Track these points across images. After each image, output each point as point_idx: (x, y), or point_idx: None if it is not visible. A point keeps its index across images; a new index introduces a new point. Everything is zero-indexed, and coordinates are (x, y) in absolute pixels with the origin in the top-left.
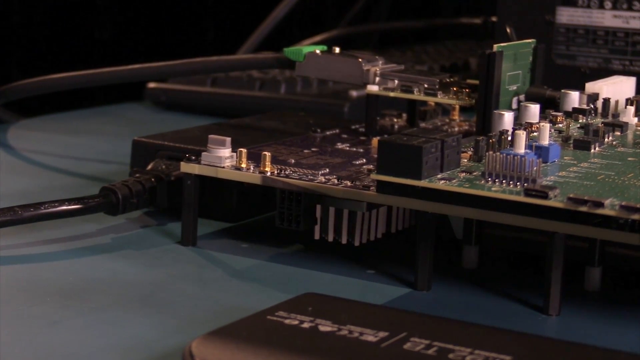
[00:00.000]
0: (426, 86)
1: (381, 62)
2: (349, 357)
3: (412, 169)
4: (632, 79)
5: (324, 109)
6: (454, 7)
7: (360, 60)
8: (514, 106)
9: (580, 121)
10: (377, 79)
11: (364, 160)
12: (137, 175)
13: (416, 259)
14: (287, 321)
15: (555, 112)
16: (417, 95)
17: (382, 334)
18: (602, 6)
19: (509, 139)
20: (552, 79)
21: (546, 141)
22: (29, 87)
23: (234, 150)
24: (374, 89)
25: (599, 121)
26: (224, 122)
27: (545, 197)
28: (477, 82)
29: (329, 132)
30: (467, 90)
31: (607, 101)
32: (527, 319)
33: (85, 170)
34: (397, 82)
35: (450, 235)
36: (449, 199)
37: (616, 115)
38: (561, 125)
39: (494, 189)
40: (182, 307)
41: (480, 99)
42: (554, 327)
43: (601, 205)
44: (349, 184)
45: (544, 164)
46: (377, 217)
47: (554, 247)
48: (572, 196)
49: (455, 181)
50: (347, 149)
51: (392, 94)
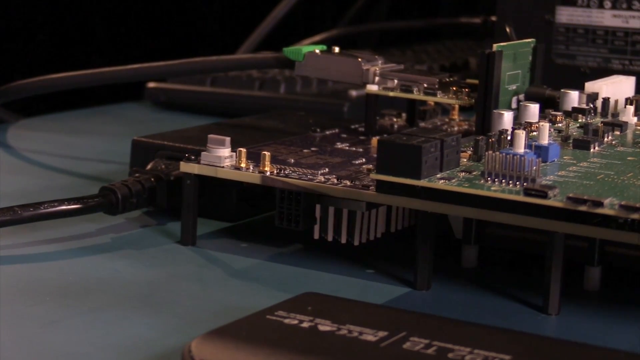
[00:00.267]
0: (426, 86)
1: (381, 62)
2: (348, 357)
3: (411, 169)
4: (631, 79)
5: (324, 109)
6: (453, 6)
7: (359, 59)
8: (514, 106)
9: (579, 121)
10: (377, 79)
11: (364, 159)
12: (137, 175)
13: (416, 258)
14: (286, 321)
15: (554, 111)
16: (416, 94)
17: (382, 334)
18: (601, 6)
19: (509, 138)
20: (552, 78)
21: (546, 141)
22: (29, 86)
23: (234, 150)
24: (373, 88)
25: (598, 121)
26: (223, 122)
27: (544, 196)
28: (476, 81)
29: (328, 132)
30: (467, 89)
31: (606, 101)
32: (526, 319)
33: (84, 170)
34: (396, 81)
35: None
36: (449, 199)
37: (616, 114)
38: (561, 124)
39: (493, 188)
40: (181, 307)
41: (479, 98)
42: (554, 326)
43: (600, 204)
44: (349, 183)
45: (543, 164)
46: (376, 217)
47: (553, 247)
48: (571, 196)
49: (454, 181)
50: (347, 148)
51: (391, 94)
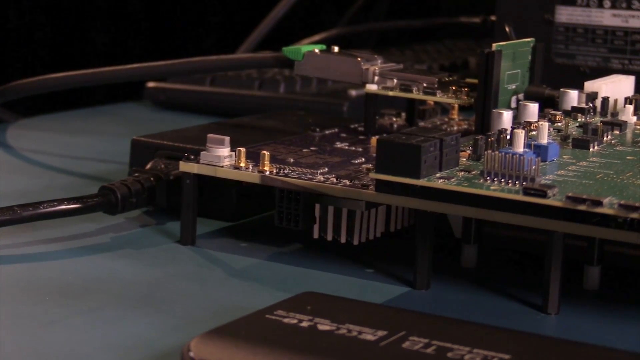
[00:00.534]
0: (425, 85)
1: (380, 61)
2: (347, 356)
3: (410, 168)
4: (631, 78)
5: (323, 108)
6: (453, 6)
7: (359, 59)
8: (513, 105)
9: (579, 120)
10: (376, 78)
11: (363, 159)
12: (136, 174)
13: (415, 258)
14: (285, 320)
15: (554, 111)
16: (416, 94)
17: (381, 333)
18: (601, 5)
19: (508, 137)
20: (551, 78)
21: (545, 140)
22: (29, 86)
23: (233, 149)
24: (373, 88)
25: (597, 120)
26: (223, 122)
27: (544, 196)
28: (476, 81)
29: (328, 131)
30: (466, 89)
31: (606, 100)
32: (526, 318)
33: (84, 169)
34: (396, 81)
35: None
36: (448, 198)
37: (615, 114)
38: (560, 124)
39: (492, 187)
40: (181, 306)
41: (479, 97)
42: (553, 325)
43: (600, 204)
44: (348, 183)
45: (542, 163)
46: (376, 216)
47: (552, 246)
48: (570, 195)
49: (454, 180)
50: (346, 148)
51: (391, 93)
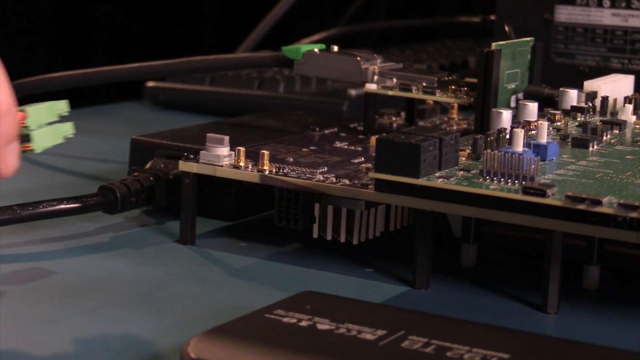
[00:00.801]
0: (425, 85)
1: (380, 61)
2: (347, 356)
3: (410, 167)
4: (630, 77)
5: (323, 108)
6: (452, 5)
7: (358, 58)
8: (513, 104)
9: (578, 119)
10: (376, 78)
11: (363, 158)
12: (136, 174)
13: (414, 257)
14: (285, 319)
15: (553, 110)
16: (415, 93)
17: (380, 332)
18: (600, 4)
19: (507, 137)
20: (551, 77)
21: (544, 139)
22: (28, 86)
23: (233, 148)
24: (372, 87)
25: (597, 119)
26: (222, 121)
27: (543, 195)
28: (475, 80)
29: (327, 131)
30: (466, 88)
31: (605, 99)
32: (525, 317)
33: (83, 169)
34: (395, 80)
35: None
36: (447, 197)
37: (614, 113)
38: (559, 123)
39: (492, 187)
40: (180, 306)
41: (478, 97)
42: (552, 325)
43: (599, 203)
44: (348, 182)
45: (542, 162)
46: (375, 216)
47: (552, 245)
48: (570, 194)
49: (453, 179)
50: (346, 147)
51: (390, 93)
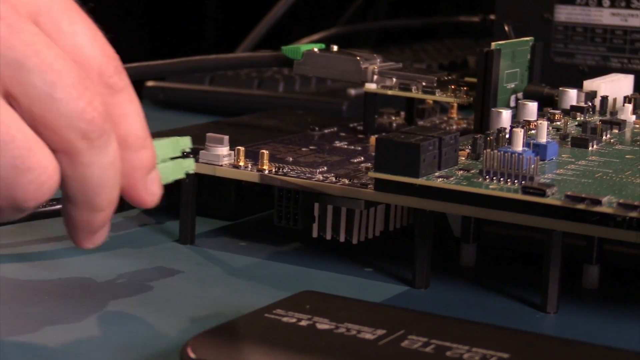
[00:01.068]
0: (424, 84)
1: (379, 60)
2: (346, 355)
3: (409, 167)
4: (630, 77)
5: (322, 107)
6: (452, 5)
7: (358, 58)
8: (512, 104)
9: (578, 119)
10: (375, 77)
11: (362, 158)
12: None
13: (414, 256)
14: (284, 319)
15: (553, 109)
16: (415, 93)
17: (380, 332)
18: (600, 4)
19: (507, 136)
20: (550, 76)
21: (544, 139)
22: None
23: (232, 148)
24: (372, 87)
25: (596, 119)
26: (222, 121)
27: (542, 194)
28: (475, 80)
29: (327, 130)
30: (465, 88)
31: (605, 99)
32: (525, 317)
33: None
34: (395, 80)
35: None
36: (447, 197)
37: (614, 113)
38: (559, 123)
39: (491, 186)
40: (180, 305)
41: (478, 96)
42: (552, 324)
43: (599, 202)
44: (347, 182)
45: (541, 162)
46: (375, 215)
47: (551, 245)
48: (569, 194)
49: (453, 179)
50: (345, 147)
51: (390, 92)
